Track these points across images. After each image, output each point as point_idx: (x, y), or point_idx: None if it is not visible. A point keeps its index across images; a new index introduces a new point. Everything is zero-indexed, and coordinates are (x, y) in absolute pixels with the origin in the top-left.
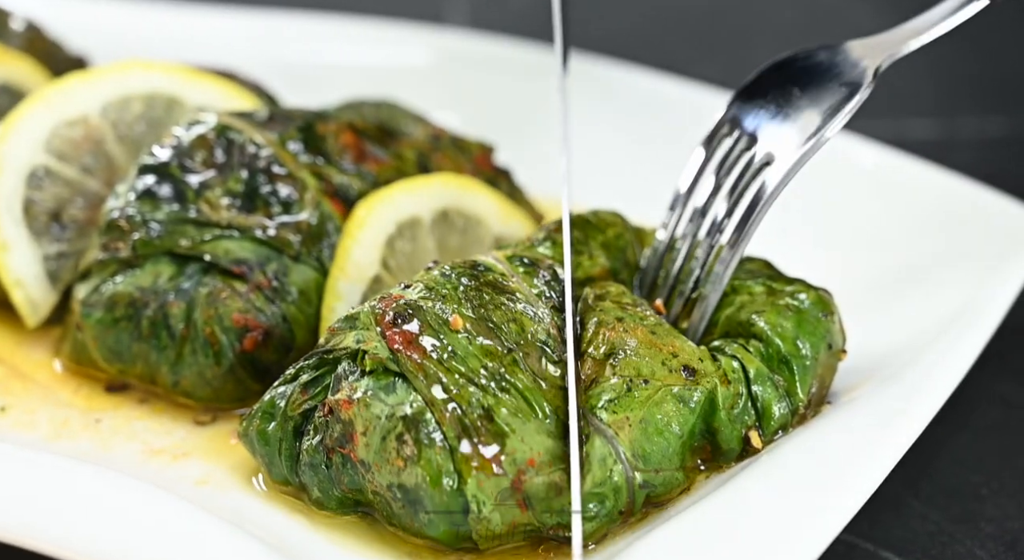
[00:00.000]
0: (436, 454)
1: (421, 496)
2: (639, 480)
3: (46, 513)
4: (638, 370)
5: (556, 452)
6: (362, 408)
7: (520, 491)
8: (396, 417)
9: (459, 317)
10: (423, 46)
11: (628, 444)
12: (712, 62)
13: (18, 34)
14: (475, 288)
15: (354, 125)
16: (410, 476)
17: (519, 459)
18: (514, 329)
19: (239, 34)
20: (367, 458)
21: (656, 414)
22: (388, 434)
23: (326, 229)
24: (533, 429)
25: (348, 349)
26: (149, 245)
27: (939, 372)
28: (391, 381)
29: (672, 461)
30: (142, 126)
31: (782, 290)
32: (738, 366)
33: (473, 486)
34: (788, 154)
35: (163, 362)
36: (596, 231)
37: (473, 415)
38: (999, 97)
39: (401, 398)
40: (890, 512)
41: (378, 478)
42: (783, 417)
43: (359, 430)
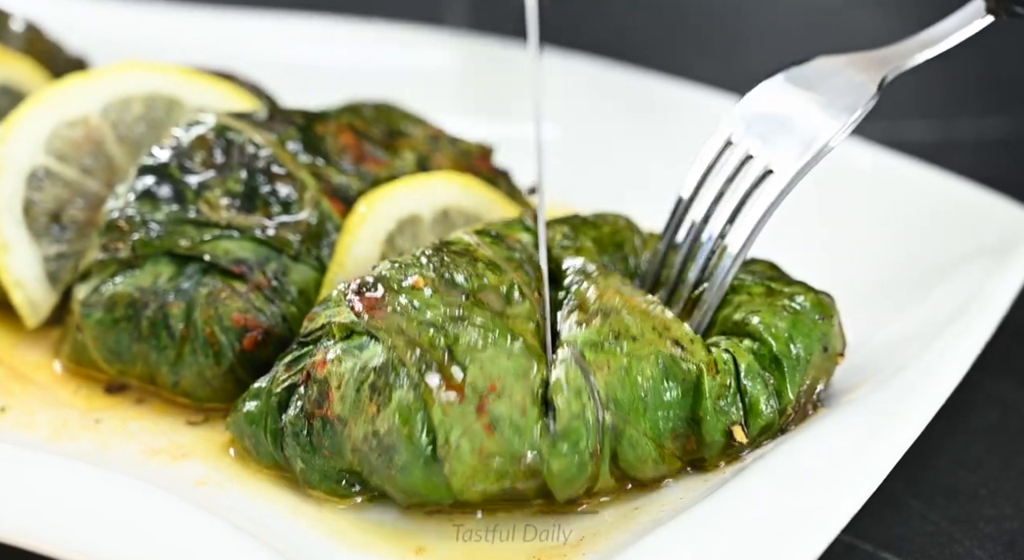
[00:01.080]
0: (407, 394)
1: (394, 440)
2: (608, 421)
3: (46, 514)
4: (627, 328)
5: (521, 370)
6: (336, 365)
7: (485, 413)
8: (369, 368)
9: (420, 278)
10: (423, 47)
11: (603, 385)
12: (711, 64)
13: (18, 35)
14: (437, 255)
15: (353, 126)
16: (383, 420)
17: (480, 385)
18: (476, 282)
19: (238, 36)
20: (343, 412)
21: (636, 369)
22: (361, 385)
23: (326, 229)
24: (494, 355)
25: (322, 326)
26: (149, 245)
27: (938, 373)
28: (362, 341)
29: (643, 421)
30: (142, 127)
31: (781, 291)
32: (729, 358)
33: (439, 414)
34: (791, 163)
35: (163, 362)
36: (589, 227)
37: (436, 354)
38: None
39: (373, 352)
40: (889, 512)
41: (355, 431)
42: (770, 415)
43: (334, 385)
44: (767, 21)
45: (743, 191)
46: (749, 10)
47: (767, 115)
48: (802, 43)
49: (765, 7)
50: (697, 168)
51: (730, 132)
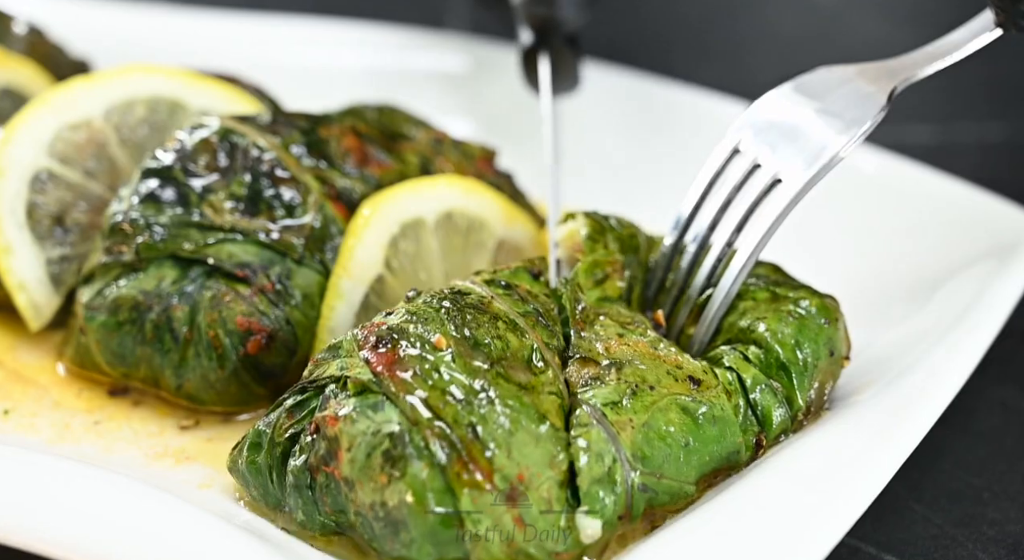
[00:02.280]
0: (422, 470)
1: (405, 514)
2: (637, 481)
3: (50, 516)
4: (643, 377)
5: (547, 459)
6: (348, 424)
7: (515, 506)
8: (383, 434)
9: (443, 337)
10: (426, 50)
11: (629, 445)
12: (713, 68)
13: (20, 38)
14: (457, 310)
15: (357, 129)
16: (392, 493)
17: (509, 474)
18: (498, 345)
19: (241, 39)
20: (351, 475)
21: (660, 421)
22: (374, 450)
23: (329, 232)
24: (521, 441)
25: (332, 376)
26: (152, 248)
27: (941, 376)
28: (378, 400)
29: (680, 471)
30: (145, 130)
31: (786, 296)
32: (734, 377)
33: (467, 503)
34: (801, 172)
35: (167, 365)
36: (612, 228)
37: (460, 432)
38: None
39: (388, 416)
40: (892, 515)
41: (361, 496)
42: (783, 423)
43: (344, 446)
44: (768, 26)
45: (751, 199)
46: (750, 16)
47: (776, 124)
48: (803, 48)
49: (766, 12)
50: (704, 175)
51: (738, 140)
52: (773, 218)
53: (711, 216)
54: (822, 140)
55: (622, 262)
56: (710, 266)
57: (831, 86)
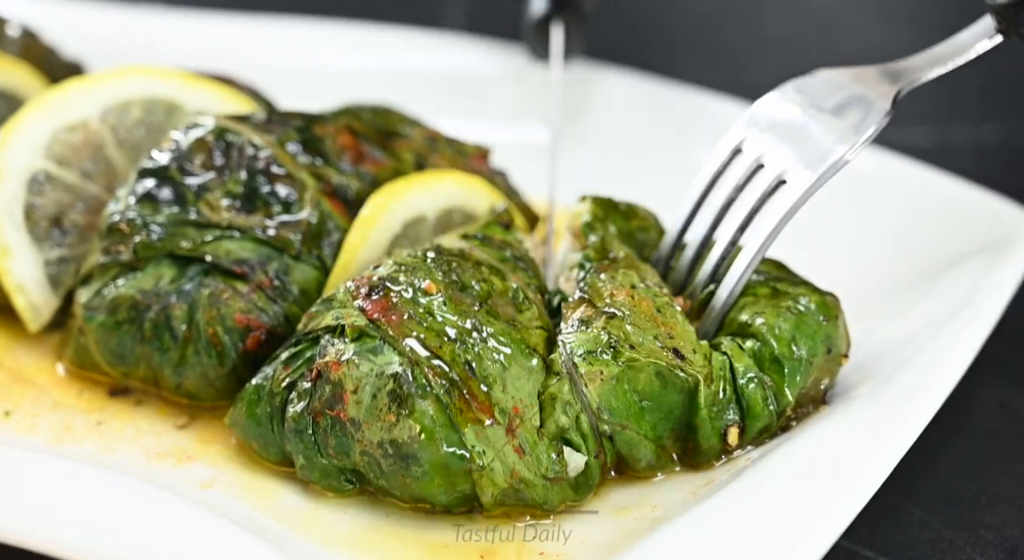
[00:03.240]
0: (429, 407)
1: (416, 450)
2: (604, 429)
3: (54, 517)
4: (627, 335)
5: (536, 390)
6: (351, 368)
7: (515, 436)
8: (386, 375)
9: (432, 282)
10: (421, 50)
11: (596, 395)
12: (712, 71)
13: (14, 40)
14: (442, 259)
15: (352, 127)
16: (403, 430)
17: (506, 407)
18: (484, 287)
19: (235, 40)
20: (358, 416)
21: (629, 378)
22: (379, 391)
23: (326, 228)
24: (514, 374)
25: (328, 326)
26: (150, 248)
27: (937, 373)
28: (376, 344)
29: (641, 425)
30: (141, 131)
31: (786, 292)
32: (725, 363)
33: (472, 437)
34: (808, 173)
35: (166, 364)
36: (618, 215)
37: (458, 369)
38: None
39: (388, 358)
40: (889, 519)
41: (368, 435)
42: (768, 416)
43: (349, 388)
44: (766, 28)
45: (755, 199)
46: (751, 18)
47: (779, 124)
48: (802, 50)
49: (764, 14)
50: (706, 172)
51: (740, 138)
52: (779, 218)
53: (714, 213)
54: (827, 142)
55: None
56: (714, 263)
57: (834, 88)
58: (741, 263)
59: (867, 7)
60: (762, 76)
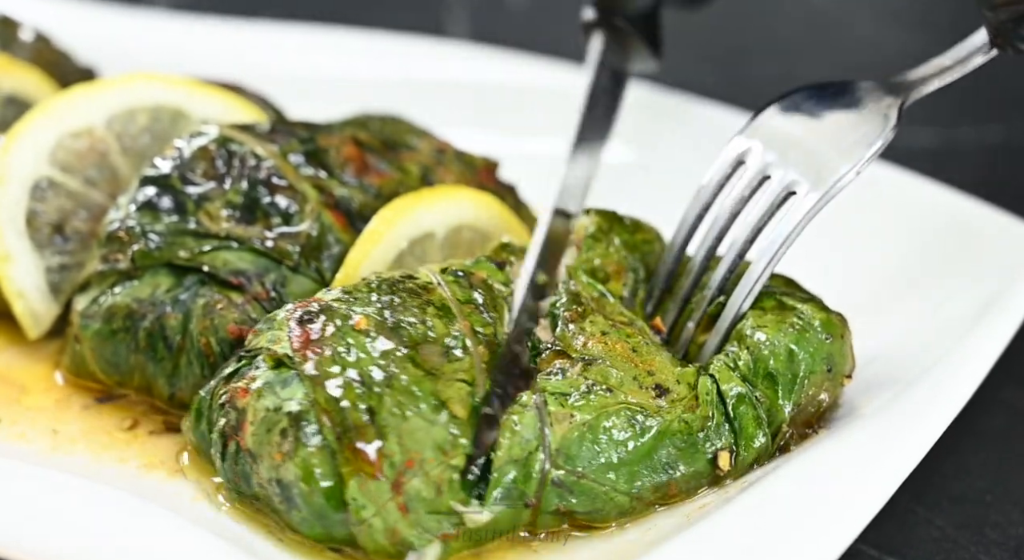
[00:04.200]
0: (313, 454)
1: (294, 494)
2: (554, 475)
3: (43, 531)
4: (606, 378)
5: (441, 445)
6: (255, 398)
7: (400, 493)
8: (283, 411)
9: (363, 318)
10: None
11: (558, 439)
12: (713, 74)
13: (27, 45)
14: (388, 292)
15: (357, 138)
16: (286, 472)
17: (398, 461)
18: (420, 330)
19: (249, 46)
20: (253, 448)
21: (603, 423)
22: (273, 427)
23: (326, 240)
24: (414, 427)
25: (265, 347)
26: (148, 257)
27: (948, 388)
28: (289, 376)
29: (604, 476)
30: (147, 138)
31: (793, 307)
32: (712, 387)
33: (354, 489)
34: (818, 185)
35: (160, 374)
36: (623, 229)
37: (355, 415)
38: (997, 107)
39: (292, 393)
40: (895, 518)
41: (261, 469)
42: (763, 436)
43: (249, 419)
44: (767, 30)
45: (764, 210)
46: (751, 23)
47: (785, 135)
48: (803, 52)
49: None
50: (709, 184)
51: (743, 149)
52: (789, 231)
53: (718, 225)
54: (836, 155)
55: (624, 264)
56: (721, 276)
57: (839, 100)
58: (751, 277)
59: (869, 9)
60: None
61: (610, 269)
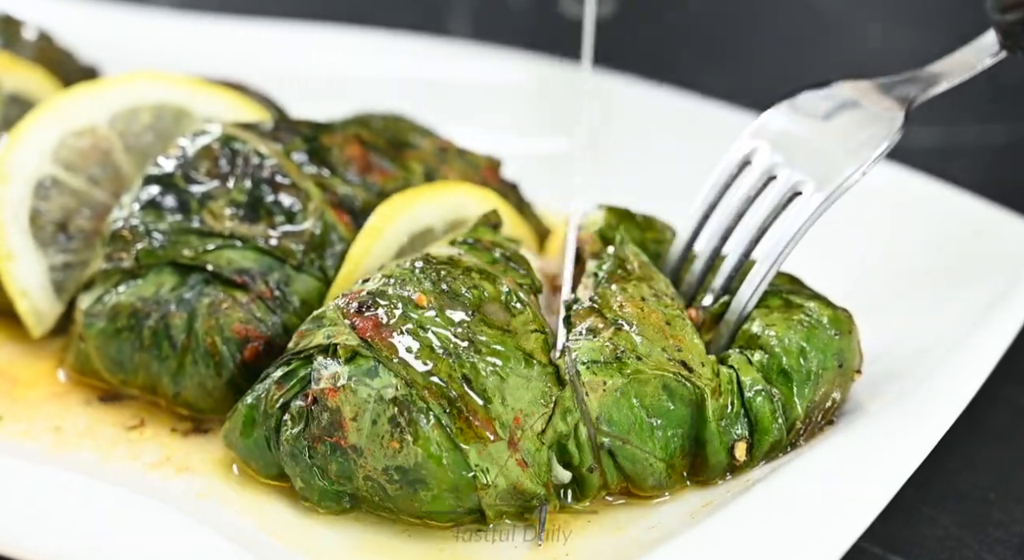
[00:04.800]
0: (432, 431)
1: (423, 475)
2: (601, 441)
3: (50, 529)
4: (634, 346)
5: (539, 397)
6: (348, 394)
7: (517, 450)
8: (385, 400)
9: (422, 294)
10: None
11: (596, 406)
12: (717, 73)
13: (30, 44)
14: (431, 268)
15: (360, 137)
16: (408, 457)
17: (507, 420)
18: (476, 293)
19: (252, 46)
20: (359, 443)
21: (635, 390)
22: (379, 417)
23: (329, 239)
24: (513, 384)
25: (320, 346)
26: (152, 255)
27: (953, 386)
28: (371, 366)
29: (647, 442)
30: (150, 137)
31: (800, 306)
32: (732, 376)
33: (475, 456)
34: (824, 185)
35: (164, 373)
36: (633, 226)
37: (456, 386)
38: (999, 105)
39: (385, 381)
40: (898, 516)
41: (372, 462)
42: (778, 431)
43: (348, 416)
44: (770, 29)
45: (769, 210)
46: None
47: (791, 135)
48: (807, 51)
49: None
50: (715, 183)
51: (749, 149)
52: (795, 230)
53: (724, 224)
54: (841, 155)
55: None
56: (727, 274)
57: (845, 100)
58: (757, 275)
59: (873, 7)
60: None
61: None
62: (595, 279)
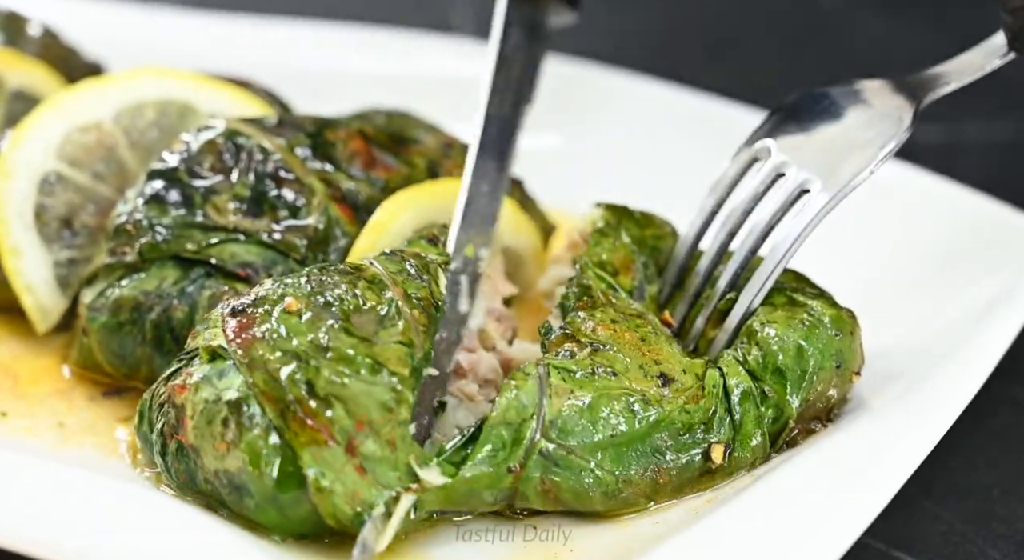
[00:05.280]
0: (258, 437)
1: (244, 481)
2: (543, 445)
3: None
4: (612, 363)
5: (387, 404)
6: (193, 392)
7: (355, 456)
8: (222, 401)
9: (294, 299)
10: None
11: (555, 410)
12: (717, 69)
13: (34, 40)
14: (324, 274)
15: (364, 132)
16: (233, 460)
17: (347, 426)
18: (352, 302)
19: (255, 42)
20: (195, 442)
21: (602, 405)
22: (214, 417)
23: (333, 233)
24: (357, 390)
25: (200, 346)
26: (155, 249)
27: (949, 394)
28: (225, 367)
29: (593, 454)
30: (154, 132)
31: (803, 304)
32: (719, 379)
33: (308, 459)
34: (831, 183)
35: (166, 366)
36: (632, 223)
37: (296, 390)
38: (1005, 102)
39: (230, 382)
40: (902, 512)
41: (206, 463)
42: (762, 434)
43: (188, 414)
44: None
45: (776, 208)
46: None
47: (799, 134)
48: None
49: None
50: (723, 180)
51: (758, 147)
52: (802, 228)
53: (732, 221)
54: (850, 154)
55: (633, 259)
56: (733, 271)
57: (853, 100)
58: (763, 273)
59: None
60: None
61: (618, 263)
62: (562, 308)
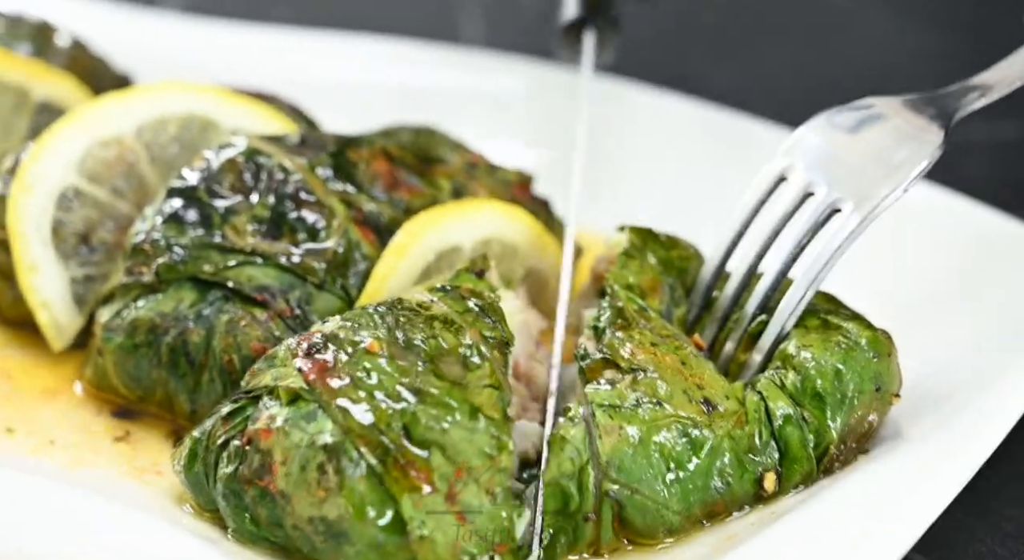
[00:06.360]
0: (359, 483)
1: (345, 528)
2: (608, 489)
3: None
4: (655, 391)
5: (485, 451)
6: (281, 437)
7: (455, 504)
8: (316, 446)
9: (375, 341)
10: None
11: (608, 451)
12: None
13: (62, 51)
14: (391, 313)
15: (388, 151)
16: (332, 507)
17: (446, 472)
18: (432, 344)
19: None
20: (287, 489)
21: (653, 437)
22: (308, 463)
23: (352, 257)
24: (456, 437)
25: (267, 387)
26: (172, 270)
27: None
28: (311, 410)
29: (657, 493)
30: (176, 148)
31: (838, 326)
32: (760, 404)
33: (409, 507)
34: (863, 203)
35: (181, 390)
36: (658, 246)
37: (392, 436)
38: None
39: (321, 426)
40: None
41: (298, 510)
42: (807, 459)
43: (278, 459)
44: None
45: (806, 229)
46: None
47: (828, 152)
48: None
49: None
50: (750, 200)
51: (785, 165)
52: (834, 249)
53: (760, 242)
54: (881, 172)
55: (660, 281)
56: (763, 293)
57: (883, 117)
58: (796, 294)
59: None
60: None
61: (646, 285)
62: (595, 330)
